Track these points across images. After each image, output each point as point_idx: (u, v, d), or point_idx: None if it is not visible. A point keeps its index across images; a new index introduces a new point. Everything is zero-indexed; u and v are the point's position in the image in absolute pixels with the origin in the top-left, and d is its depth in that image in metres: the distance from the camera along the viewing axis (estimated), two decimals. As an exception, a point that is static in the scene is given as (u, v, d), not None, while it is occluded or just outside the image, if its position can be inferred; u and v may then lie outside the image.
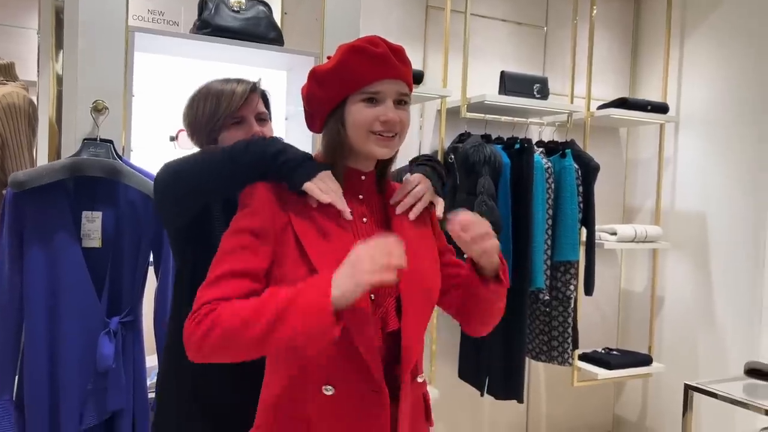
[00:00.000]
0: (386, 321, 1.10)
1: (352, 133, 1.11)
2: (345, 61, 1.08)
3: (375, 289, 1.04)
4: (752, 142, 2.96)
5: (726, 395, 1.66)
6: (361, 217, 1.16)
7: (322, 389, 1.04)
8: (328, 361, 1.04)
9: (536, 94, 2.86)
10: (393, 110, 1.10)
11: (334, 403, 1.05)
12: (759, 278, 2.92)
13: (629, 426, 3.58)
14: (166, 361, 1.41)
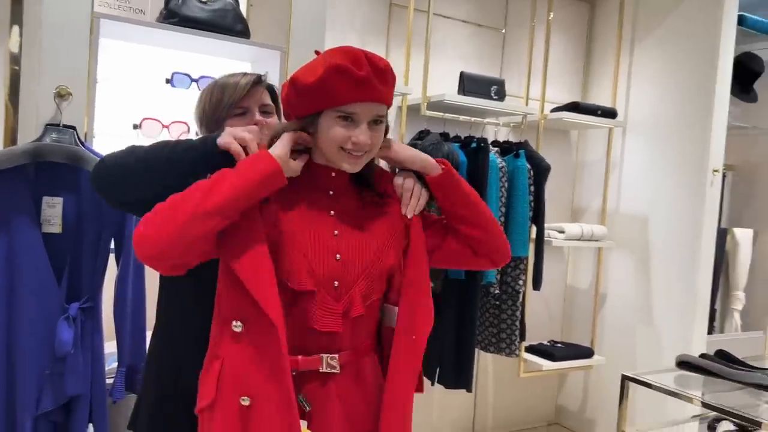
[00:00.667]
0: (350, 309, 1.16)
1: (323, 144, 1.17)
2: (326, 79, 1.10)
3: (339, 274, 1.15)
4: (693, 149, 3.13)
5: (659, 385, 1.78)
6: (328, 210, 1.21)
7: (231, 325, 1.10)
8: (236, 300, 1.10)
9: (493, 95, 2.96)
10: (366, 133, 1.14)
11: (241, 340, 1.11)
12: (694, 278, 3.10)
13: (570, 415, 3.75)
14: (150, 354, 1.45)
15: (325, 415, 1.15)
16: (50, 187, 1.70)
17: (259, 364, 1.08)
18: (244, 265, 1.08)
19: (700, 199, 3.09)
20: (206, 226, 1.04)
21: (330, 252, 1.16)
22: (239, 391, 1.09)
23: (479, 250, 1.29)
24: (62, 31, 1.73)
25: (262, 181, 1.09)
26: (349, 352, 1.19)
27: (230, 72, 1.49)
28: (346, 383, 1.18)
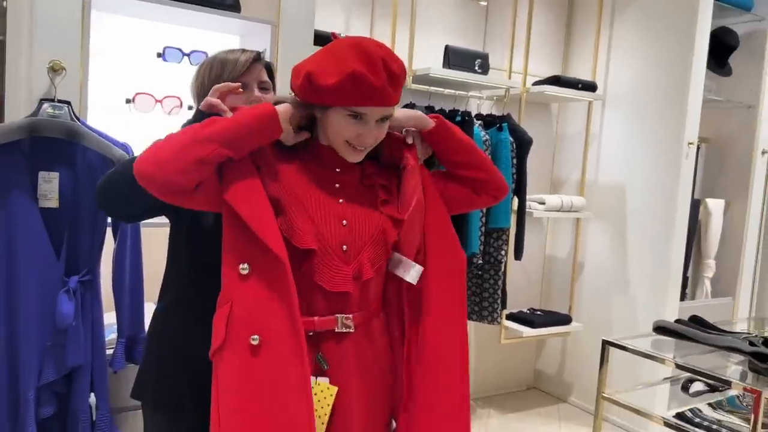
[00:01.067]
0: (360, 272, 1.22)
1: (330, 133, 1.22)
2: (342, 86, 1.13)
3: (348, 238, 1.21)
4: (669, 122, 3.22)
5: (638, 349, 1.88)
6: (333, 184, 1.26)
7: (239, 268, 1.15)
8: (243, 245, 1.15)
9: (477, 68, 3.00)
10: (372, 132, 1.20)
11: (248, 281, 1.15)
12: (668, 247, 3.22)
13: (548, 379, 3.89)
14: (153, 326, 1.50)
15: (343, 373, 1.21)
16: (46, 162, 1.71)
17: (268, 303, 1.13)
18: (247, 207, 1.13)
19: (675, 170, 3.19)
20: (202, 150, 1.10)
21: (336, 217, 1.22)
22: (249, 331, 1.13)
23: (480, 189, 1.36)
24: (54, 4, 1.72)
25: (259, 121, 1.15)
26: (361, 313, 1.25)
27: (228, 48, 1.51)
28: (360, 342, 1.24)
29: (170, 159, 1.10)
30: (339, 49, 1.16)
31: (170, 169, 1.10)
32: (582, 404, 3.64)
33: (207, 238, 1.42)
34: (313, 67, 1.17)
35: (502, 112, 3.15)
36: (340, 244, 1.21)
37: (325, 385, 1.18)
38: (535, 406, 3.67)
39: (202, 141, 1.11)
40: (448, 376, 1.28)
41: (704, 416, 1.90)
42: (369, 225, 1.25)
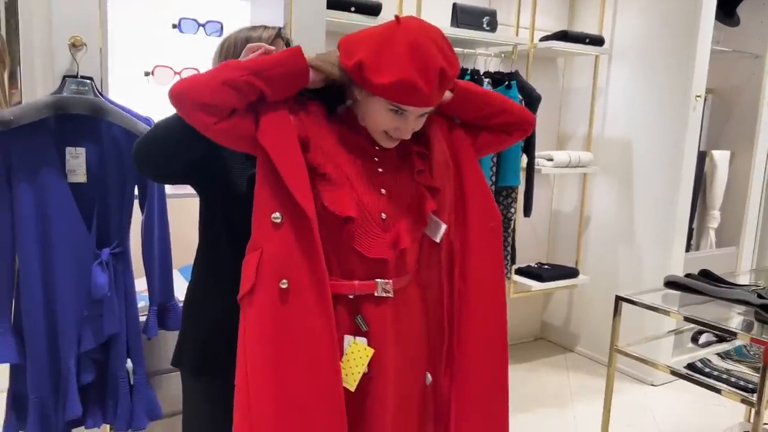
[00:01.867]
0: (398, 240, 1.26)
1: (367, 119, 1.26)
2: (392, 88, 1.15)
3: (386, 207, 1.25)
4: (676, 74, 3.22)
5: (651, 304, 1.96)
6: (372, 157, 1.30)
7: (271, 217, 1.20)
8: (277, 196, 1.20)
9: (486, 26, 2.99)
10: (410, 125, 1.24)
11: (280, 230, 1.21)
12: (674, 199, 3.28)
13: (555, 330, 4.00)
14: (191, 295, 1.55)
15: (381, 335, 1.26)
16: (72, 138, 1.73)
17: (297, 252, 1.18)
18: (282, 157, 1.18)
19: (682, 123, 3.21)
20: (232, 74, 1.15)
21: (375, 186, 1.26)
22: (278, 275, 1.19)
23: (511, 129, 1.43)
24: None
25: (286, 55, 1.20)
26: (398, 279, 1.29)
27: (249, 25, 1.54)
28: (398, 307, 1.30)
29: (202, 79, 1.16)
30: (396, 44, 1.15)
31: (201, 88, 1.14)
32: (589, 353, 3.76)
33: (240, 205, 1.47)
34: (366, 56, 1.17)
35: (509, 68, 3.15)
36: (379, 212, 1.25)
37: (363, 346, 1.23)
38: (542, 356, 3.79)
39: (233, 68, 1.16)
40: (488, 333, 1.37)
41: (714, 366, 1.99)
42: (407, 194, 1.29)
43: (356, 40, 1.21)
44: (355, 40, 1.21)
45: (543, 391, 3.30)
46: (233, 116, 1.19)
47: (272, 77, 1.18)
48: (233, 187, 1.46)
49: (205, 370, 1.52)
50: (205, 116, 1.16)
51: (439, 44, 1.17)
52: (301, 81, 1.23)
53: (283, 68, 1.20)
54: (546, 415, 3.04)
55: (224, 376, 1.51)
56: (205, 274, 1.53)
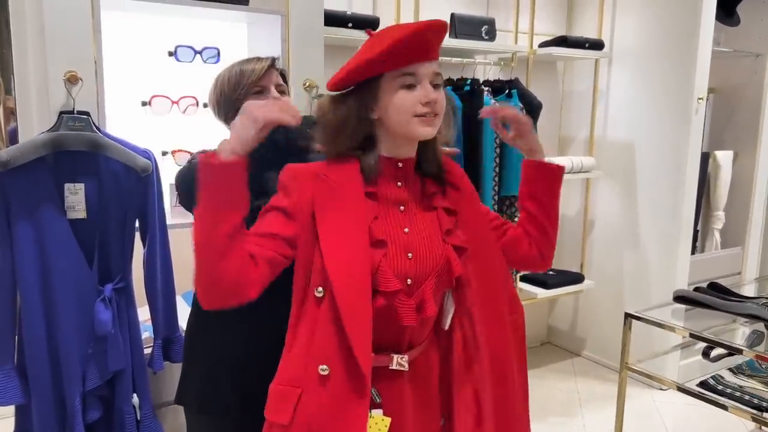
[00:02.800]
0: (423, 306, 1.18)
1: (394, 118, 1.16)
2: (389, 51, 1.12)
3: (412, 272, 1.17)
4: (677, 76, 3.19)
5: (660, 321, 1.94)
6: (398, 205, 1.21)
7: (318, 368, 1.13)
8: (328, 342, 1.13)
9: (484, 35, 2.96)
10: (432, 92, 1.15)
11: (326, 383, 1.13)
12: (678, 202, 3.25)
13: (561, 334, 3.99)
14: (192, 324, 1.53)
15: (396, 406, 1.20)
16: (71, 174, 1.71)
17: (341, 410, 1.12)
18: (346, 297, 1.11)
19: (685, 126, 3.19)
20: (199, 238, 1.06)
21: (403, 250, 1.18)
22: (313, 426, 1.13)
23: (538, 243, 1.34)
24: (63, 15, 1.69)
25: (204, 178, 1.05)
26: (418, 349, 1.22)
27: (244, 58, 1.53)
28: (414, 379, 1.22)
29: (204, 268, 1.06)
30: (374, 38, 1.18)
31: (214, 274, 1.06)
32: (596, 357, 3.74)
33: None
34: (350, 61, 1.17)
35: (509, 75, 3.12)
36: (406, 278, 1.17)
37: (379, 417, 1.18)
38: (549, 362, 3.77)
39: (196, 240, 1.07)
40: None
41: (726, 383, 1.97)
42: (434, 256, 1.20)
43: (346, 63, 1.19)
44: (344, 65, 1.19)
45: (552, 398, 3.29)
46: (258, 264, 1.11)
47: (225, 203, 1.06)
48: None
49: (208, 407, 1.50)
50: (250, 289, 1.10)
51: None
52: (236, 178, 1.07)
53: (213, 188, 1.05)
54: (556, 424, 3.02)
55: (229, 413, 1.50)
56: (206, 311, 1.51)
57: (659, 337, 2.94)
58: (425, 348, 1.25)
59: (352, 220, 1.16)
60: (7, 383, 1.68)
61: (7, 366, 1.69)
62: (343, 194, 1.17)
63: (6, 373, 1.68)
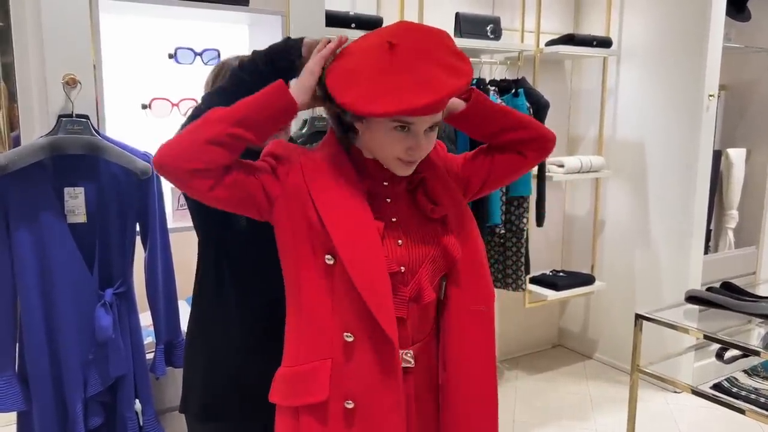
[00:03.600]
0: (420, 294, 1.15)
1: (375, 149, 1.15)
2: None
3: (405, 259, 1.14)
4: (687, 73, 3.14)
5: (671, 322, 1.89)
6: (384, 198, 1.19)
7: (343, 335, 1.11)
8: (347, 310, 1.11)
9: (490, 34, 2.92)
10: (422, 143, 1.11)
11: (353, 349, 1.11)
12: (690, 202, 3.19)
13: (573, 337, 3.93)
14: (191, 331, 1.51)
15: (406, 407, 1.15)
16: (70, 178, 1.69)
17: (374, 374, 1.11)
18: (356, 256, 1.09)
19: (696, 123, 3.13)
20: (210, 130, 1.07)
21: (392, 237, 1.16)
22: (346, 396, 1.11)
23: (529, 147, 1.27)
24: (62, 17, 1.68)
25: (268, 95, 1.11)
26: (420, 344, 1.19)
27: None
28: (420, 374, 1.19)
29: (183, 142, 1.07)
30: (392, 74, 1.07)
31: (184, 153, 1.06)
32: (608, 360, 3.68)
33: (239, 241, 1.42)
34: (362, 92, 1.09)
35: (516, 74, 3.08)
36: (399, 265, 1.15)
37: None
38: (561, 365, 3.72)
39: (214, 121, 1.08)
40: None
41: (741, 385, 1.92)
42: (425, 242, 1.18)
43: (348, 73, 1.11)
44: (346, 73, 1.11)
45: (563, 402, 3.24)
46: (229, 174, 1.11)
47: (257, 123, 1.10)
48: (231, 221, 1.41)
49: (210, 414, 1.47)
50: (199, 182, 1.08)
51: (441, 57, 1.08)
52: (287, 117, 1.15)
53: (268, 111, 1.11)
54: (567, 427, 2.97)
55: (231, 420, 1.47)
56: (204, 312, 1.49)
57: (672, 338, 2.88)
58: (428, 342, 1.23)
59: (349, 193, 1.14)
60: (7, 390, 1.67)
61: (8, 372, 1.67)
62: (335, 173, 1.16)
63: (7, 380, 1.66)
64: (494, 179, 1.30)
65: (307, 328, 1.15)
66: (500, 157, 1.28)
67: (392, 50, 1.07)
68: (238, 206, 1.15)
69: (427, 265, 1.17)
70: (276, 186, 1.15)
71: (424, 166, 1.23)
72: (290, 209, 1.14)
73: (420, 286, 1.16)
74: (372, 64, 1.08)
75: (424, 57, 1.07)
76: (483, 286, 1.22)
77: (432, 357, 1.23)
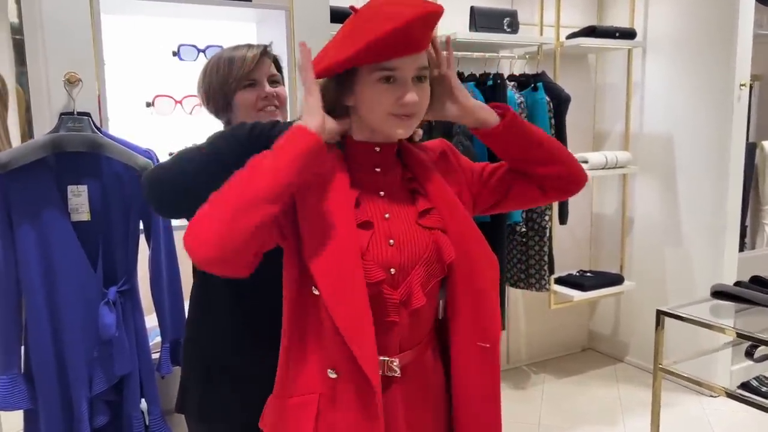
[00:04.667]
0: (410, 299, 1.08)
1: (367, 113, 1.07)
2: (369, 46, 0.99)
3: (396, 260, 1.06)
4: (716, 63, 3.02)
5: (695, 318, 1.79)
6: (377, 191, 1.12)
7: (327, 372, 1.05)
8: (332, 345, 1.04)
9: (506, 28, 2.86)
10: (413, 91, 1.03)
11: (337, 387, 1.05)
12: (722, 197, 3.06)
13: (603, 339, 3.80)
14: (188, 330, 1.48)
15: (389, 417, 1.07)
16: (73, 176, 1.70)
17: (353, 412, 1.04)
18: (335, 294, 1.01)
19: (727, 115, 3.00)
20: (254, 216, 0.95)
21: (383, 237, 1.08)
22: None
23: (553, 186, 1.18)
24: (63, 14, 1.69)
25: (302, 158, 0.98)
26: (410, 352, 1.11)
27: (233, 45, 1.46)
28: (408, 385, 1.12)
29: (224, 240, 0.94)
30: (360, 19, 1.03)
31: (229, 251, 0.95)
32: (640, 363, 3.55)
33: None
34: (334, 44, 1.06)
35: (536, 69, 3.01)
36: (389, 267, 1.07)
37: None
38: (591, 368, 3.60)
39: (249, 206, 0.94)
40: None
41: (772, 384, 1.81)
42: (418, 242, 1.09)
43: (325, 48, 1.08)
44: (324, 48, 1.09)
45: (591, 405, 3.12)
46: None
47: (296, 186, 1.00)
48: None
49: (209, 414, 1.45)
50: (242, 268, 1.00)
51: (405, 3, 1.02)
52: (322, 157, 1.03)
53: (305, 169, 0.99)
54: (595, 433, 2.87)
55: (229, 420, 1.44)
56: (202, 312, 1.46)
57: (704, 334, 2.75)
58: (420, 351, 1.14)
59: (334, 204, 1.06)
60: (13, 388, 1.67)
61: (13, 371, 1.67)
62: (324, 178, 1.08)
63: (12, 378, 1.67)
64: (507, 204, 1.23)
65: (296, 360, 1.10)
66: (519, 186, 1.20)
67: (355, 12, 1.05)
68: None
69: (420, 268, 1.09)
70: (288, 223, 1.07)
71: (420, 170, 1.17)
72: (289, 226, 1.07)
73: (410, 289, 1.08)
74: (339, 33, 1.06)
75: (386, 4, 1.02)
76: (484, 319, 1.12)
77: (425, 366, 1.16)
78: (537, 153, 1.16)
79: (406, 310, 1.08)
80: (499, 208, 1.25)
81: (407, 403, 1.12)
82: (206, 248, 0.95)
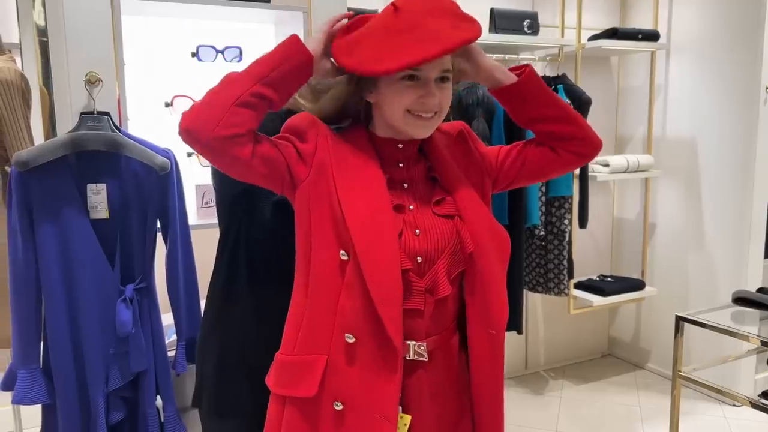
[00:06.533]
0: (436, 287, 1.10)
1: (387, 110, 1.10)
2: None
3: (422, 249, 1.09)
4: (741, 67, 2.96)
5: (714, 324, 1.75)
6: (401, 183, 1.15)
7: (344, 336, 1.06)
8: (353, 313, 1.06)
9: (527, 30, 2.84)
10: (434, 92, 1.07)
11: (353, 351, 1.07)
12: (747, 202, 3.00)
13: (624, 346, 3.75)
14: (205, 325, 1.50)
15: (417, 401, 1.11)
16: (93, 174, 1.72)
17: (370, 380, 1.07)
18: (371, 256, 1.04)
19: (752, 118, 2.95)
20: (236, 89, 1.03)
21: (410, 227, 1.11)
22: (336, 396, 1.07)
23: (567, 147, 1.20)
24: (84, 14, 1.72)
25: (283, 49, 1.07)
26: (436, 338, 1.13)
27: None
28: (435, 369, 1.14)
29: (214, 104, 1.02)
30: (397, 31, 1.06)
31: (216, 117, 1.00)
32: (660, 370, 3.49)
33: (263, 234, 1.40)
34: (367, 51, 1.08)
35: (556, 71, 2.98)
36: (415, 256, 1.09)
37: (399, 415, 1.09)
38: (610, 375, 3.55)
39: (236, 81, 1.03)
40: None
41: (794, 393, 1.76)
42: (443, 233, 1.12)
43: (352, 41, 1.09)
44: (351, 41, 1.09)
45: (611, 413, 3.08)
46: (260, 144, 1.06)
47: (277, 80, 1.05)
48: (256, 214, 1.39)
49: (222, 409, 1.46)
50: (239, 149, 1.03)
51: (447, 17, 1.06)
52: (306, 71, 1.08)
53: (288, 64, 1.05)
54: (613, 440, 2.82)
55: (243, 415, 1.45)
56: (221, 305, 1.48)
57: (728, 341, 2.70)
58: (446, 338, 1.16)
59: (370, 180, 1.10)
60: (31, 382, 1.69)
61: (33, 365, 1.70)
62: (358, 159, 1.12)
63: (31, 372, 1.70)
64: (523, 176, 1.25)
65: (309, 320, 1.11)
66: (533, 152, 1.23)
67: (396, 12, 1.06)
68: (264, 179, 1.10)
69: (445, 258, 1.11)
70: (302, 170, 1.10)
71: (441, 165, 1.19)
72: (313, 194, 1.10)
73: (436, 278, 1.10)
74: (377, 27, 1.08)
75: (429, 15, 1.04)
76: (492, 305, 1.14)
77: (451, 352, 1.18)
78: (552, 111, 1.18)
79: (432, 298, 1.11)
80: (516, 183, 1.27)
81: (433, 388, 1.14)
82: (193, 115, 1.04)
